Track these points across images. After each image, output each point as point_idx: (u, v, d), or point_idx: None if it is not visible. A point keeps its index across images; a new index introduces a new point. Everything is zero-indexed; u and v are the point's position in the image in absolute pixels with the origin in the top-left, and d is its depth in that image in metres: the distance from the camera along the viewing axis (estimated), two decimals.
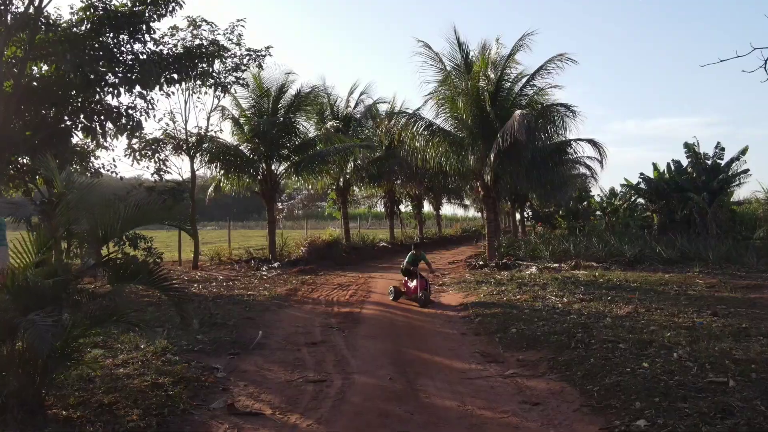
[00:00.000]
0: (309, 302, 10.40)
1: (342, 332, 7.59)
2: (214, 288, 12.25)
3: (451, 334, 7.69)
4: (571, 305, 9.07)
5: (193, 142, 16.18)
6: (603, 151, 16.33)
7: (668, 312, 8.27)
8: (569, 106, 14.42)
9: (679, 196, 24.61)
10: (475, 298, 10.44)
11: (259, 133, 16.72)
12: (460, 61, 15.97)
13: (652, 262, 15.32)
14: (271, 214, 17.77)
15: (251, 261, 17.18)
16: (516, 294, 10.44)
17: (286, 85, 17.83)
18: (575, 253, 16.73)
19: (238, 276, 14.68)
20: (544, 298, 9.85)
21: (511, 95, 16.38)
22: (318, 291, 11.96)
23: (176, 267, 16.93)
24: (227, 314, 8.43)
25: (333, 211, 25.70)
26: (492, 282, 12.37)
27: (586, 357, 5.89)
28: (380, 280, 14.08)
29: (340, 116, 22.37)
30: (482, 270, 15.22)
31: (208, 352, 6.12)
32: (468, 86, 15.11)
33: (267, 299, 10.52)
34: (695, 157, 25.23)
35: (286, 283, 13.27)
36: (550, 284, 11.39)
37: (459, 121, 16.17)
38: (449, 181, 21.15)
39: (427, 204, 32.81)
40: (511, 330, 7.47)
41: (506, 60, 15.66)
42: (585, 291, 10.41)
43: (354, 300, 10.61)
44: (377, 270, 16.98)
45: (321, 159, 17.39)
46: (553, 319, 8.00)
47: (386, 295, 11.32)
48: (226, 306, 9.41)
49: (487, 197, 16.29)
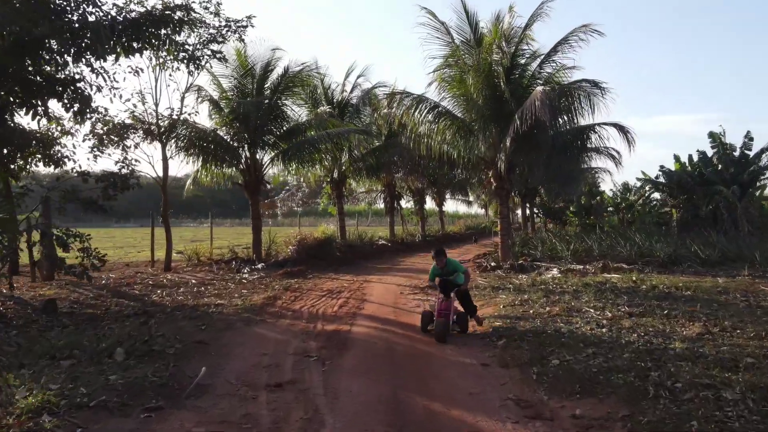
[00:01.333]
0: (288, 315, 8.39)
1: (321, 364, 5.59)
2: (180, 295, 10.30)
3: (468, 365, 5.70)
4: (620, 322, 7.08)
5: (165, 127, 14.16)
6: (631, 138, 14.24)
7: (753, 333, 6.29)
8: (598, 83, 12.36)
9: (704, 190, 22.56)
10: (494, 310, 8.45)
11: (241, 116, 14.68)
12: (468, 33, 13.93)
13: (691, 264, 13.32)
14: (255, 209, 15.74)
15: (233, 262, 15.19)
16: (544, 305, 8.43)
17: (273, 63, 15.78)
18: (600, 253, 14.72)
19: (215, 279, 12.71)
20: (581, 312, 7.85)
21: (525, 73, 14.34)
22: (302, 299, 9.96)
23: (147, 269, 14.97)
24: (174, 335, 6.44)
25: (329, 207, 23.64)
26: (510, 288, 10.37)
27: (681, 415, 3.90)
28: (377, 285, 12.08)
29: (335, 102, 20.32)
30: (495, 272, 13.23)
31: (112, 408, 4.09)
32: (479, 60, 13.07)
33: (237, 311, 8.54)
34: (722, 147, 23.16)
35: (267, 288, 11.30)
36: (583, 292, 9.39)
37: (468, 102, 14.14)
38: (456, 172, 19.07)
39: (429, 200, 30.77)
40: (551, 361, 5.48)
41: (523, 31, 13.62)
42: (629, 301, 8.41)
43: (344, 312, 8.60)
44: (375, 272, 14.98)
45: (311, 146, 15.34)
46: (605, 344, 6.02)
47: (383, 306, 9.32)
48: (177, 323, 7.44)
49: (501, 189, 14.27)
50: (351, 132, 15.84)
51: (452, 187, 29.12)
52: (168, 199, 14.29)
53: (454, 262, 7.30)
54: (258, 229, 15.68)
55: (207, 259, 16.03)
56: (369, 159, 20.02)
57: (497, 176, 13.95)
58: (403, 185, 26.26)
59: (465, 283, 7.23)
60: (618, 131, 14.24)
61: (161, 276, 13.14)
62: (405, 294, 10.81)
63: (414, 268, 15.91)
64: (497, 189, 14.28)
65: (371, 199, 29.68)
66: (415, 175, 23.54)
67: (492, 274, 13.06)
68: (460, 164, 15.59)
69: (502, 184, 14.16)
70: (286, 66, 15.74)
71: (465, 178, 22.35)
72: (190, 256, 16.03)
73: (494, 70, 13.34)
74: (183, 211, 75.14)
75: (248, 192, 15.65)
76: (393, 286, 12.05)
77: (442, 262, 7.20)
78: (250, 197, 15.68)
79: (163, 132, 14.18)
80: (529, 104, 11.22)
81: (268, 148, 16.06)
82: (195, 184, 16.82)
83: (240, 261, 15.21)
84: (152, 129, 14.09)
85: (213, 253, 16.71)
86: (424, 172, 23.31)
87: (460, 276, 7.21)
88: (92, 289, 11.14)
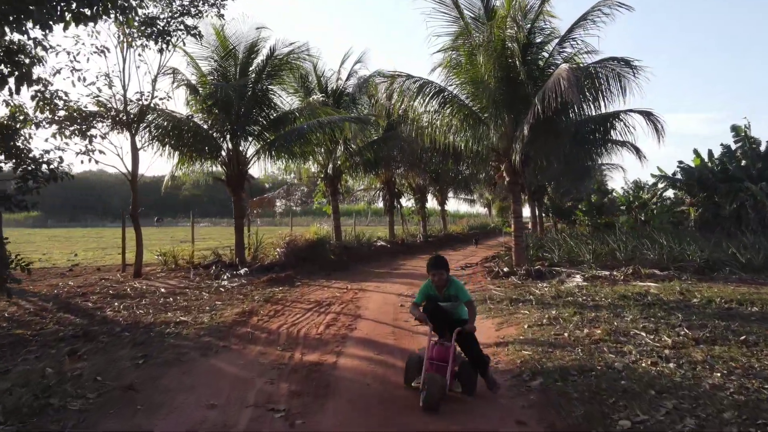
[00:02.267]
0: (260, 339, 6.73)
1: (290, 426, 3.93)
2: (141, 308, 8.67)
3: (498, 419, 4.04)
4: (688, 353, 5.42)
5: (135, 114, 12.49)
6: (660, 127, 12.56)
7: None
8: (629, 61, 10.66)
9: (728, 187, 20.88)
10: (517, 331, 6.79)
11: (221, 102, 13.00)
12: (479, 6, 12.27)
13: (732, 269, 11.66)
14: (239, 207, 14.05)
15: (213, 266, 13.54)
16: (580, 325, 6.77)
17: (258, 44, 14.08)
18: (625, 257, 13.06)
19: (188, 288, 11.07)
20: (630, 336, 6.19)
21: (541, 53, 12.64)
22: (283, 315, 8.30)
23: (117, 274, 13.31)
24: (96, 376, 4.79)
25: (323, 206, 21.95)
26: (532, 301, 8.72)
27: None
28: (374, 295, 10.43)
29: (330, 90, 18.66)
30: (510, 279, 11.59)
31: None
32: (491, 35, 11.39)
33: (198, 333, 6.89)
34: (747, 141, 21.49)
35: (245, 299, 9.66)
36: (623, 307, 7.72)
37: (477, 87, 12.46)
38: (461, 166, 17.38)
39: (431, 198, 29.08)
40: (617, 422, 3.83)
41: (540, 5, 11.95)
42: (686, 321, 6.76)
43: (331, 335, 6.93)
44: (372, 277, 13.33)
45: (301, 137, 13.65)
46: (682, 390, 4.37)
47: (380, 324, 7.66)
48: (116, 351, 5.79)
49: (514, 184, 12.59)
50: (345, 120, 14.13)
51: (456, 185, 27.43)
52: (137, 197, 12.61)
53: (458, 284, 4.79)
54: (240, 229, 14.01)
55: (186, 262, 14.39)
56: (366, 153, 18.35)
57: (510, 170, 12.28)
58: (404, 182, 24.61)
59: (471, 320, 4.59)
60: (645, 119, 12.53)
61: (128, 283, 11.48)
62: (406, 306, 9.15)
63: (415, 273, 14.27)
64: (510, 184, 12.60)
65: (370, 198, 28.00)
66: (416, 170, 21.87)
67: (506, 281, 11.42)
68: (468, 157, 13.93)
69: (516, 179, 12.49)
70: (272, 46, 14.06)
71: (471, 174, 20.68)
72: (166, 259, 14.37)
73: (508, 48, 11.67)
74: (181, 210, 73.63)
75: (230, 188, 13.98)
76: (392, 295, 10.40)
77: (443, 278, 4.69)
78: (233, 194, 14.00)
79: (132, 120, 12.52)
80: (553, 84, 9.54)
81: (252, 139, 14.37)
82: (173, 180, 15.15)
83: (221, 265, 13.56)
84: (120, 116, 12.43)
85: (194, 256, 15.07)
86: (427, 167, 21.64)
87: (461, 308, 4.74)
88: (38, 300, 9.51)
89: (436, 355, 4.33)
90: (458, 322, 4.59)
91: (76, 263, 17.38)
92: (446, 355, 4.32)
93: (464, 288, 4.82)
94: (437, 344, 4.41)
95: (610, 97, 11.13)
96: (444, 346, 4.37)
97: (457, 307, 4.72)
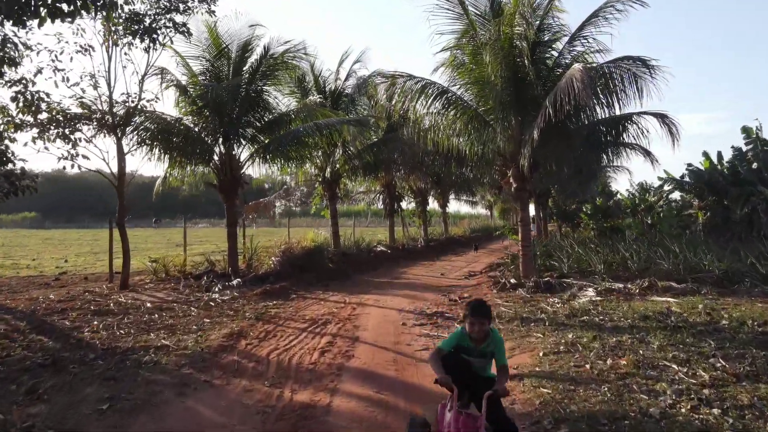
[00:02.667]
0: (248, 369, 6.06)
1: None
2: (123, 328, 8.03)
3: None
4: (730, 393, 4.75)
5: (121, 116, 11.83)
6: (676, 130, 11.88)
7: None
8: (645, 61, 9.99)
9: (739, 190, 20.21)
10: (531, 360, 6.12)
11: (212, 103, 12.32)
12: (484, 3, 11.60)
13: (753, 281, 10.99)
14: (231, 213, 13.37)
15: (205, 276, 12.87)
16: (601, 354, 6.09)
17: (252, 42, 13.40)
18: (638, 267, 12.38)
19: (176, 301, 10.42)
20: (660, 369, 5.52)
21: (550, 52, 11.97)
22: (275, 337, 7.63)
23: (102, 285, 12.63)
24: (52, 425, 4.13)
25: (321, 209, 21.28)
26: (545, 320, 8.05)
27: None
28: (373, 311, 9.76)
29: (328, 91, 17.99)
30: (517, 292, 10.93)
31: None
32: (499, 32, 10.71)
33: (179, 361, 6.22)
34: (759, 143, 20.79)
35: (236, 316, 9.00)
36: (645, 330, 7.05)
37: (483, 88, 11.79)
38: (465, 170, 16.70)
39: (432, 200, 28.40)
40: None
41: (550, 1, 11.28)
42: (719, 348, 6.09)
43: (326, 364, 6.26)
44: (371, 289, 12.66)
45: (297, 139, 12.96)
46: None
47: (381, 350, 6.98)
48: (83, 389, 5.13)
49: (522, 190, 11.92)
50: (343, 122, 13.45)
51: (458, 187, 26.77)
52: (124, 203, 11.93)
53: (498, 340, 3.76)
54: (234, 237, 13.32)
55: (177, 272, 13.71)
56: (366, 156, 17.67)
57: (518, 175, 11.60)
58: (404, 185, 23.94)
59: (502, 381, 3.54)
60: (660, 122, 11.87)
61: (112, 296, 10.81)
62: (408, 325, 8.49)
63: (418, 283, 13.62)
64: (518, 191, 11.93)
65: (370, 199, 27.33)
66: (417, 173, 21.20)
67: (514, 294, 10.75)
68: (472, 161, 13.26)
69: (524, 185, 11.82)
70: (266, 44, 13.37)
71: (474, 177, 19.99)
72: (156, 269, 13.70)
73: (516, 46, 11.00)
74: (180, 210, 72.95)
75: (223, 194, 13.29)
76: (392, 311, 9.73)
77: (483, 330, 3.67)
78: (225, 200, 13.31)
79: (118, 123, 11.85)
80: (565, 85, 8.87)
81: (246, 143, 13.69)
82: (164, 185, 14.47)
83: (213, 276, 12.88)
84: (105, 119, 11.76)
85: (187, 263, 14.39)
86: (428, 170, 20.97)
87: (489, 367, 3.82)
88: (12, 319, 8.84)
89: (463, 430, 3.23)
90: (485, 382, 3.62)
91: (64, 271, 16.73)
92: (474, 430, 3.21)
93: (504, 346, 3.79)
94: (462, 414, 3.30)
95: (626, 100, 10.49)
96: (472, 417, 3.26)
97: (485, 367, 3.79)
